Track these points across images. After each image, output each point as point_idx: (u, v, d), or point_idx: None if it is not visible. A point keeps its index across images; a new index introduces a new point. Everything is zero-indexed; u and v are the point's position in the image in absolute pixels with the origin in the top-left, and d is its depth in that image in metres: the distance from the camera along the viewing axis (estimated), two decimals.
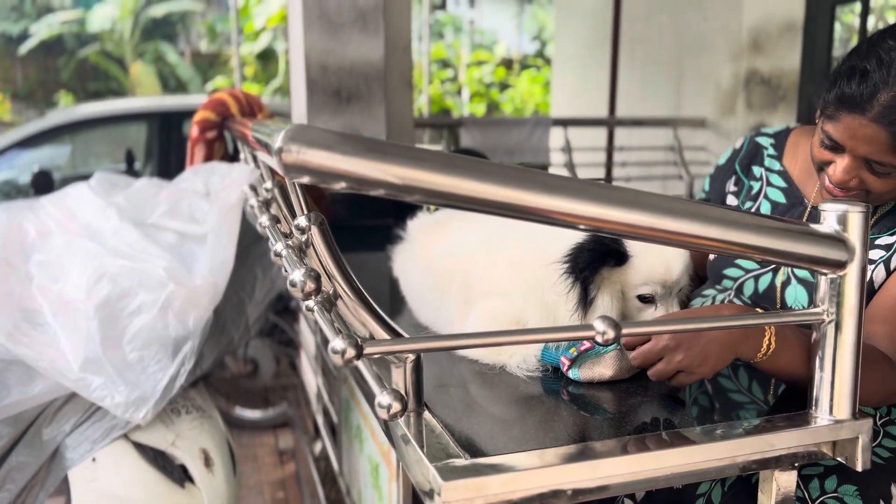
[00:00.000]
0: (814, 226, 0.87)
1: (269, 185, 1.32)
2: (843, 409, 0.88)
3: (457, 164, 0.64)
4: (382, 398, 0.74)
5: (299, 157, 0.64)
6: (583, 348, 1.02)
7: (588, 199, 0.72)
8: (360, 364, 0.75)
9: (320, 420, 2.54)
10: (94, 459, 1.52)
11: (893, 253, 1.18)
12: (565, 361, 1.03)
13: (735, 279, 1.35)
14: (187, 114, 4.58)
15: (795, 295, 1.25)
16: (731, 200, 1.45)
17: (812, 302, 1.23)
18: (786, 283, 1.27)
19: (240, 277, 1.96)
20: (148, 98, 10.72)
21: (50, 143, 4.74)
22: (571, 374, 1.03)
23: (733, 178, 1.46)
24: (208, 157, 2.26)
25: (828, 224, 0.86)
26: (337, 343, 0.71)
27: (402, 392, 0.80)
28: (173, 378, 1.48)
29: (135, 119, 4.92)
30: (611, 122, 4.26)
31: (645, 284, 1.09)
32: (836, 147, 1.17)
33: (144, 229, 1.70)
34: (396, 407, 0.74)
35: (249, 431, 3.61)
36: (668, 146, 4.07)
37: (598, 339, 0.78)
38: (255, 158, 1.81)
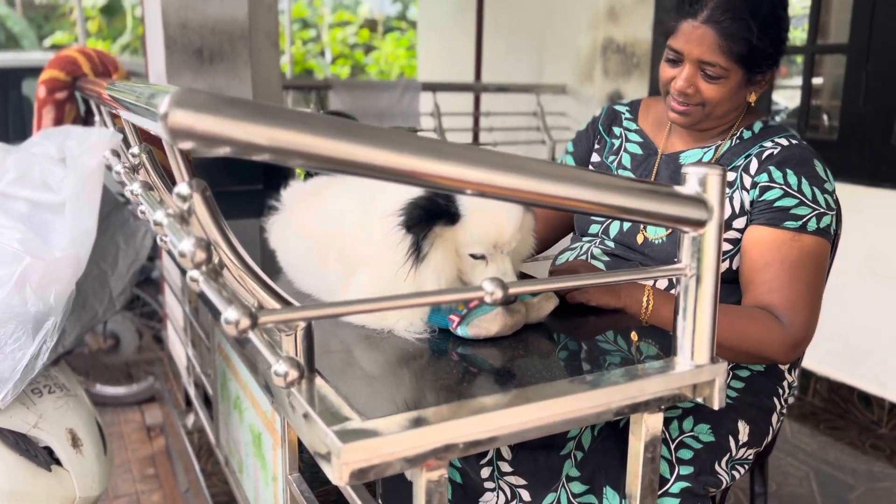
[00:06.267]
0: (677, 188, 0.94)
1: (136, 149, 1.25)
2: (703, 354, 0.97)
3: (353, 130, 0.64)
4: (279, 366, 0.74)
5: (187, 122, 0.62)
6: (472, 305, 1.06)
7: (477, 165, 0.75)
8: (251, 334, 0.74)
9: (192, 392, 2.47)
10: None
11: (735, 190, 1.33)
12: (455, 318, 1.06)
13: (602, 223, 1.49)
14: (26, 72, 4.21)
15: (655, 230, 1.41)
16: (595, 157, 1.62)
17: (670, 242, 1.38)
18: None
19: (100, 248, 1.85)
20: None
21: None
22: (460, 331, 1.06)
23: (597, 138, 1.63)
24: (59, 120, 2.10)
25: (689, 186, 0.93)
26: (230, 313, 0.70)
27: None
28: (34, 357, 1.39)
29: None
30: (476, 88, 4.32)
31: (477, 244, 1.09)
32: (677, 59, 1.36)
33: None
34: (294, 374, 0.74)
35: (113, 408, 3.45)
36: (531, 112, 4.19)
37: (488, 299, 0.81)
38: (114, 121, 1.71)
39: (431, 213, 1.06)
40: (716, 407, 0.98)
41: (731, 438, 1.22)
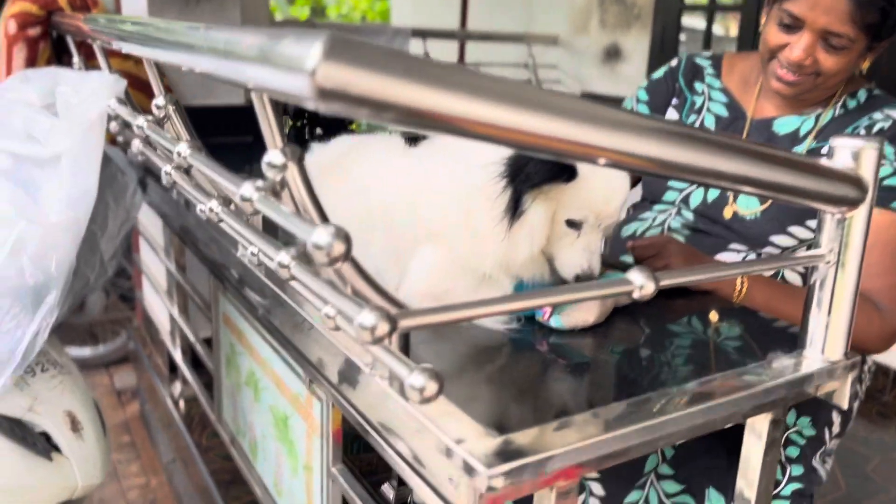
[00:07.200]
0: (826, 161, 0.83)
1: (161, 100, 1.08)
2: (837, 349, 0.87)
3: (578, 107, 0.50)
4: (414, 379, 0.61)
5: (346, 80, 0.47)
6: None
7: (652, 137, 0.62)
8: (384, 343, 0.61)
9: (179, 358, 2.30)
10: None
11: None
12: (547, 308, 0.94)
13: (681, 190, 1.35)
14: None
15: (748, 204, 1.27)
16: (672, 113, 1.48)
17: (766, 219, 1.25)
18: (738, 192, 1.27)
19: None
20: None
21: None
22: (553, 322, 0.94)
23: (676, 92, 1.49)
24: (31, 61, 1.87)
25: (840, 160, 0.82)
26: (366, 318, 0.56)
27: None
28: (35, 335, 1.22)
29: None
30: (461, 36, 4.11)
31: (581, 209, 0.97)
32: (794, 25, 1.21)
33: None
34: (433, 388, 0.61)
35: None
36: (520, 63, 4.01)
37: (636, 294, 0.70)
38: (109, 64, 1.51)
39: (557, 167, 0.92)
40: (844, 406, 0.89)
41: (826, 430, 1.15)
